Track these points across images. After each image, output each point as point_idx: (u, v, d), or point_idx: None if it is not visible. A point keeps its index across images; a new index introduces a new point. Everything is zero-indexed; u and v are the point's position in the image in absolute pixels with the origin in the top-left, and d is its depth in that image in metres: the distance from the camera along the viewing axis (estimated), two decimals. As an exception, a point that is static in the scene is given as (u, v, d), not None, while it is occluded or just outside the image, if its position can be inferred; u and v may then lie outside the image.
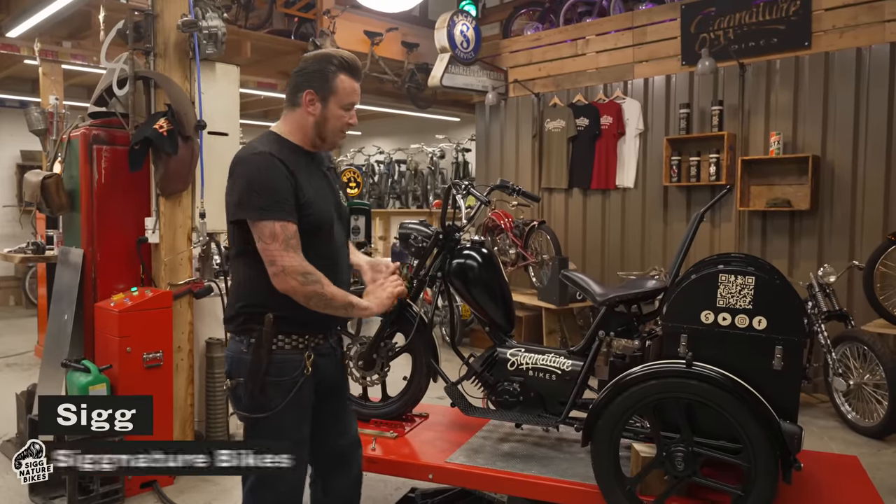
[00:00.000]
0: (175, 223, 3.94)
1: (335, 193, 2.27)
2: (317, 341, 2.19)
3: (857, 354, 4.69)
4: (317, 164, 2.23)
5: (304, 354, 2.14)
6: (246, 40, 6.48)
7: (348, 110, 2.15)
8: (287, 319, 2.10)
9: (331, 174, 2.30)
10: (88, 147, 3.85)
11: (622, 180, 6.67)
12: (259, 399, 2.10)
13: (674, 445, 2.47)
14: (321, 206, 2.13)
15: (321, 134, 2.15)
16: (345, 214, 2.30)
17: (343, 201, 2.31)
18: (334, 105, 2.12)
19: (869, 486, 2.71)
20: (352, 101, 2.15)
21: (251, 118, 12.33)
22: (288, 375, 2.11)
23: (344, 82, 2.12)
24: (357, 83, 2.16)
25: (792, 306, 2.47)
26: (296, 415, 2.15)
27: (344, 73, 2.12)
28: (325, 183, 2.23)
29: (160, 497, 3.62)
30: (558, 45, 7.22)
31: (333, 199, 2.23)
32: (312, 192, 2.11)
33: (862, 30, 5.28)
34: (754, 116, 5.85)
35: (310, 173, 2.15)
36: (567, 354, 3.03)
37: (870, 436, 4.53)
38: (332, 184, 2.27)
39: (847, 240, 5.38)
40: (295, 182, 2.05)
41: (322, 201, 2.15)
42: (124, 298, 3.70)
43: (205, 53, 3.94)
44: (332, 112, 2.13)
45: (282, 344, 2.11)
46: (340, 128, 2.16)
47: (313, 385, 2.20)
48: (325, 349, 2.23)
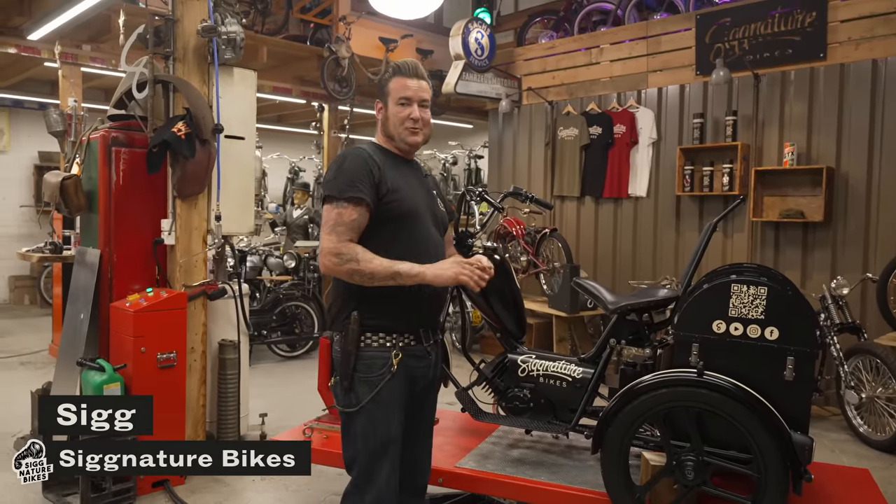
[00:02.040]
0: (191, 225, 3.99)
1: (431, 196, 2.36)
2: (406, 341, 2.22)
3: (870, 367, 4.66)
4: (413, 169, 2.36)
5: (391, 353, 2.18)
6: (262, 45, 6.55)
7: (404, 105, 2.24)
8: (372, 317, 2.18)
9: (430, 181, 2.42)
10: (107, 149, 3.90)
11: (635, 189, 6.67)
12: (349, 395, 2.20)
13: (684, 454, 2.48)
14: (410, 197, 2.22)
15: (389, 133, 2.28)
16: (441, 219, 2.37)
17: (441, 207, 2.39)
18: (392, 104, 2.26)
19: (880, 499, 2.70)
20: (404, 95, 2.24)
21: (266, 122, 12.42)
22: (374, 373, 2.17)
23: (396, 82, 2.26)
24: (410, 79, 2.25)
25: (804, 317, 2.47)
26: (384, 413, 2.18)
27: (396, 76, 2.26)
28: (421, 184, 2.34)
29: (171, 496, 3.65)
30: (572, 54, 7.24)
31: (426, 199, 2.32)
32: (403, 184, 2.22)
33: (878, 42, 5.27)
34: (768, 127, 5.84)
35: (402, 172, 2.27)
36: (578, 362, 3.04)
37: (882, 450, 4.49)
38: (430, 188, 2.39)
39: (861, 252, 5.36)
40: (380, 172, 2.17)
41: (412, 195, 2.24)
42: (139, 299, 3.74)
43: (223, 58, 3.99)
44: (391, 111, 2.26)
45: (369, 342, 2.19)
46: (401, 122, 2.24)
47: (405, 385, 2.23)
48: (417, 351, 2.26)
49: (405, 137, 2.26)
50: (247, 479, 3.93)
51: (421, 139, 2.28)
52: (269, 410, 4.73)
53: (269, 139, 12.92)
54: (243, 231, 4.33)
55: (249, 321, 4.53)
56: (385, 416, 2.19)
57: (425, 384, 2.33)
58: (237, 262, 5.40)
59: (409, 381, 2.24)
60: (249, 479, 3.92)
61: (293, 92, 8.20)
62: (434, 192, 2.39)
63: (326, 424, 3.44)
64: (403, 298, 2.17)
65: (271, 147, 12.56)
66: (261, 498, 3.69)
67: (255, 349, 6.91)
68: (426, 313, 2.28)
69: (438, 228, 2.34)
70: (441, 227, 2.36)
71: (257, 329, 6.63)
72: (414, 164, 2.39)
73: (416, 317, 2.24)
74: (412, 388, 2.26)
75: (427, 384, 2.34)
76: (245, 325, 4.38)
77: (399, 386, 2.21)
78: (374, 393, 2.16)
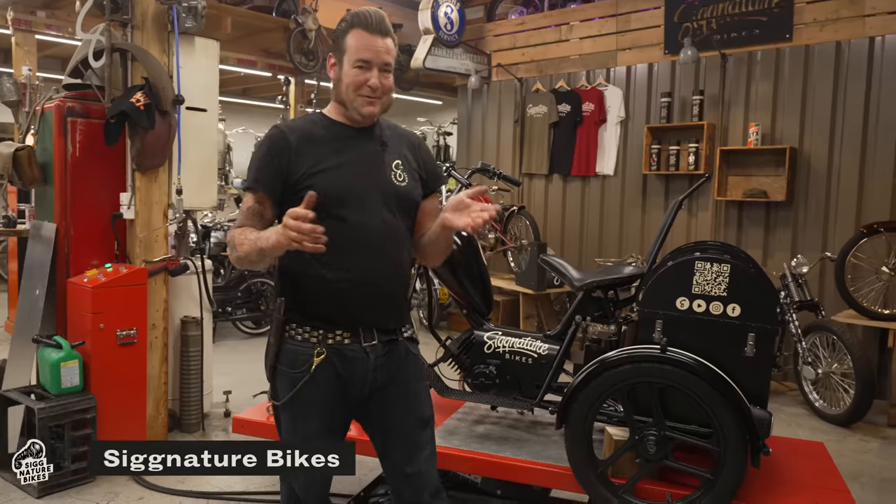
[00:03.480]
0: (151, 199, 3.89)
1: (384, 171, 1.97)
2: (336, 338, 1.93)
3: (827, 344, 4.78)
4: (366, 140, 1.99)
5: (313, 350, 1.92)
6: (226, 15, 6.38)
7: (362, 69, 1.90)
8: (296, 307, 1.95)
9: (391, 150, 2.01)
10: (63, 119, 3.78)
11: (602, 167, 6.69)
12: (273, 387, 2.03)
13: (646, 429, 2.51)
14: (340, 178, 1.90)
15: (341, 97, 1.95)
16: (403, 196, 1.99)
17: (403, 181, 1.99)
18: (347, 64, 1.91)
19: (834, 471, 2.78)
20: (362, 57, 1.89)
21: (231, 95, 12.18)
22: (296, 369, 1.94)
23: (355, 37, 1.91)
24: (373, 37, 1.90)
25: (766, 295, 2.51)
26: (304, 413, 1.96)
27: (356, 28, 1.92)
28: (373, 158, 1.97)
29: (132, 475, 3.60)
30: (542, 31, 7.19)
31: (376, 176, 1.95)
32: (336, 162, 1.92)
33: (842, 24, 5.33)
34: (734, 107, 5.90)
35: (345, 146, 1.95)
36: (544, 338, 3.05)
37: (836, 423, 4.63)
38: (388, 161, 1.99)
39: (820, 231, 5.47)
40: (292, 154, 1.89)
41: (346, 174, 1.91)
42: (98, 274, 3.65)
43: (184, 27, 3.87)
44: (345, 72, 1.92)
45: (293, 333, 1.95)
46: (356, 88, 1.90)
47: (332, 389, 1.94)
48: (350, 351, 1.93)
49: (359, 107, 1.92)
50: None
51: (378, 110, 1.95)
52: (233, 388, 4.68)
53: (235, 113, 12.68)
54: (205, 205, 4.24)
55: (213, 297, 4.46)
56: (305, 416, 1.96)
57: (367, 390, 1.97)
58: (200, 238, 5.31)
59: (339, 384, 1.94)
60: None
61: (258, 64, 8.02)
62: (397, 164, 2.00)
63: (291, 401, 3.40)
64: (331, 287, 1.90)
65: (236, 121, 12.32)
66: (224, 476, 3.65)
67: (219, 326, 6.82)
68: (363, 307, 1.93)
69: (395, 209, 1.96)
70: (401, 206, 1.99)
71: (222, 306, 6.54)
72: (370, 132, 2.00)
73: (348, 310, 1.92)
74: (346, 393, 1.96)
75: (372, 390, 1.98)
76: (209, 301, 4.31)
77: (323, 389, 1.93)
78: (294, 391, 1.93)
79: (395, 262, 1.98)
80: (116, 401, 3.64)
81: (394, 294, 1.99)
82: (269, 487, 3.52)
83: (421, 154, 2.09)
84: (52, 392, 3.45)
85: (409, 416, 2.04)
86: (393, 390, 2.01)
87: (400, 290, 2.02)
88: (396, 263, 1.98)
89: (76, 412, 3.44)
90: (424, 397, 2.10)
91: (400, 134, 2.09)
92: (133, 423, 3.73)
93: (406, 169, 2.02)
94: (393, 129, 2.08)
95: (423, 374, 2.16)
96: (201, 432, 4.19)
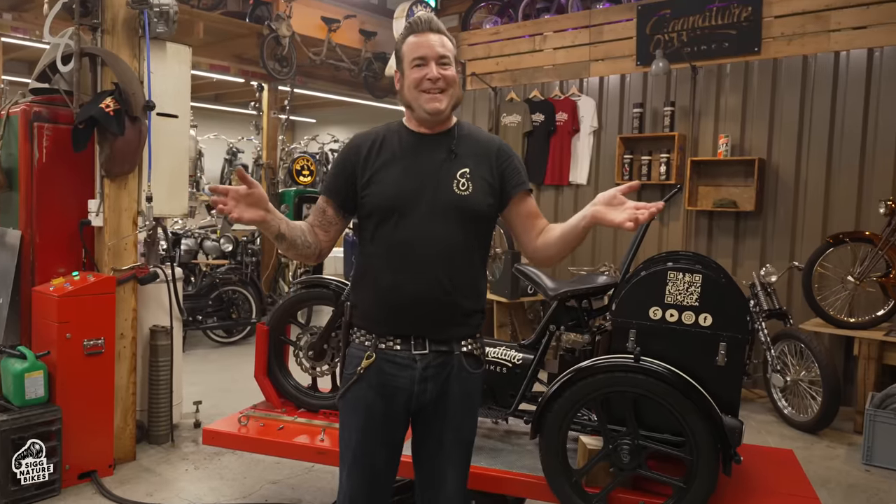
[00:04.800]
0: (120, 206, 3.82)
1: (443, 181, 1.93)
2: (386, 343, 1.94)
3: (795, 352, 4.86)
4: (435, 146, 1.96)
5: (364, 353, 1.96)
6: (199, 20, 6.32)
7: (420, 66, 1.91)
8: (356, 312, 2.02)
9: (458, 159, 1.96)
10: (29, 124, 3.70)
11: (575, 177, 6.75)
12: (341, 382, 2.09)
13: (620, 438, 2.52)
14: (394, 188, 1.92)
15: (407, 102, 1.97)
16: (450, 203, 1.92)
17: (458, 189, 1.93)
18: (406, 68, 1.94)
19: (803, 478, 2.82)
20: (418, 54, 1.91)
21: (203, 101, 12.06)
22: (349, 370, 2.01)
23: (409, 43, 1.94)
24: (424, 34, 1.92)
25: (736, 305, 2.54)
26: (349, 417, 2.00)
27: (408, 36, 1.96)
28: (436, 168, 1.94)
29: (99, 488, 3.51)
30: (516, 41, 7.25)
31: (431, 187, 1.92)
32: (396, 171, 1.93)
33: (808, 38, 5.45)
34: (704, 118, 5.99)
35: (403, 155, 1.95)
36: (518, 348, 3.05)
37: (804, 430, 4.70)
38: (452, 170, 1.94)
39: (788, 241, 5.57)
40: (358, 160, 1.96)
41: (401, 184, 1.91)
42: (64, 283, 3.57)
43: (155, 32, 3.82)
44: (406, 76, 1.95)
45: (353, 337, 2.03)
46: (416, 84, 1.91)
47: (376, 394, 1.95)
48: (399, 358, 1.93)
49: (423, 104, 1.90)
50: (179, 468, 3.82)
51: (444, 105, 1.91)
52: (203, 398, 4.61)
53: (207, 119, 12.55)
54: (176, 213, 4.18)
55: (183, 306, 4.39)
56: (348, 420, 2.00)
57: (413, 402, 1.96)
58: (170, 245, 5.23)
59: (384, 390, 1.94)
60: (182, 468, 3.82)
61: (231, 70, 7.96)
62: (462, 172, 1.94)
63: (263, 412, 3.36)
64: (383, 294, 1.93)
65: (208, 127, 12.20)
66: (194, 488, 3.59)
67: (190, 335, 6.72)
68: (412, 316, 1.93)
69: (455, 218, 1.92)
70: (463, 216, 1.93)
71: (192, 314, 6.45)
72: (442, 139, 1.97)
73: (397, 318, 1.94)
74: (390, 401, 1.95)
75: (421, 403, 1.96)
76: (178, 310, 4.24)
77: (367, 393, 1.95)
78: (344, 390, 2.00)
79: (450, 272, 1.92)
80: (83, 412, 3.56)
81: (449, 304, 1.94)
82: (239, 500, 3.46)
83: (498, 160, 2.02)
84: (16, 404, 3.36)
85: (443, 435, 2.01)
86: (435, 407, 1.99)
87: (458, 301, 1.95)
88: (452, 274, 1.93)
89: (40, 424, 3.36)
90: (464, 418, 2.03)
91: (477, 140, 2.03)
92: (100, 436, 3.65)
93: (473, 177, 1.95)
94: (470, 136, 2.03)
95: (473, 392, 2.05)
96: (170, 444, 4.12)
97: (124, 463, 3.83)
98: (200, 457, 3.98)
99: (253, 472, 3.81)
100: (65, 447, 3.43)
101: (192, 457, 3.98)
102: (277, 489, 3.59)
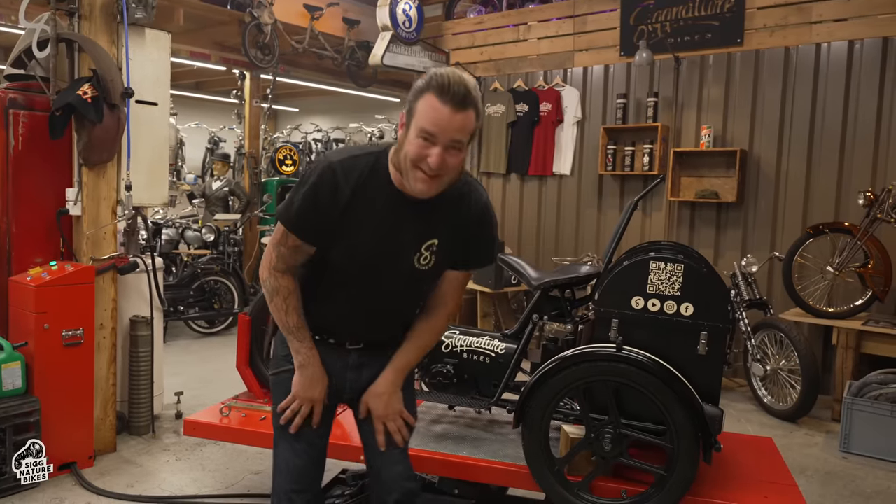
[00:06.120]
0: (99, 195, 3.77)
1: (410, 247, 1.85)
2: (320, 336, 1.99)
3: (775, 341, 4.91)
4: (409, 211, 1.81)
5: None
6: (179, 7, 6.22)
7: (426, 140, 1.66)
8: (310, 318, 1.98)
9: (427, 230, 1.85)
10: (5, 111, 3.63)
11: (559, 167, 6.75)
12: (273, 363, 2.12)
13: (602, 427, 2.53)
14: (356, 255, 1.83)
15: (397, 161, 1.76)
16: (407, 275, 1.88)
17: (418, 264, 1.87)
18: (412, 130, 1.69)
19: (782, 466, 2.85)
20: (427, 127, 1.65)
21: (183, 89, 11.91)
22: (282, 350, 2.05)
23: (426, 102, 1.66)
24: (445, 107, 1.64)
25: (718, 294, 2.55)
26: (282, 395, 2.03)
27: (429, 93, 1.66)
28: (413, 234, 1.84)
29: (79, 479, 3.48)
30: (500, 30, 7.22)
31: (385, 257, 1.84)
32: (371, 232, 1.81)
33: (791, 30, 5.48)
34: (687, 109, 6.02)
35: (378, 218, 1.81)
36: (501, 337, 3.05)
37: (783, 418, 4.76)
38: (411, 242, 1.85)
39: (769, 232, 5.62)
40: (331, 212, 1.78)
41: (364, 251, 1.83)
42: (42, 273, 3.51)
43: (134, 18, 3.76)
44: (409, 137, 1.70)
45: None
46: (413, 161, 1.69)
47: None
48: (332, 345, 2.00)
49: (412, 183, 1.72)
50: (161, 459, 3.79)
51: (434, 191, 1.74)
52: (185, 389, 4.58)
53: (188, 107, 12.41)
54: (156, 202, 4.13)
55: (164, 296, 4.34)
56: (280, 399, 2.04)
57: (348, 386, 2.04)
58: (150, 235, 5.17)
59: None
60: (163, 459, 3.79)
61: (212, 58, 7.85)
62: (430, 244, 1.86)
63: (245, 403, 3.35)
64: (320, 317, 1.97)
65: (189, 115, 12.06)
66: (175, 479, 3.57)
67: (171, 326, 6.67)
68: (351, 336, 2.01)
69: (408, 284, 1.92)
70: (418, 282, 1.93)
71: (174, 304, 6.40)
72: (423, 204, 1.79)
73: (334, 335, 2.00)
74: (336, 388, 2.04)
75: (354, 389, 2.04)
76: (159, 300, 4.20)
77: None
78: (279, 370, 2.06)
79: (397, 318, 2.02)
80: (62, 403, 3.52)
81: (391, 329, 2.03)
82: (221, 490, 3.45)
83: (472, 232, 1.91)
84: (-7, 395, 3.31)
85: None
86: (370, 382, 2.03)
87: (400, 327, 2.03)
88: (398, 318, 2.02)
89: (18, 416, 3.31)
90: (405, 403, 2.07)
91: (460, 206, 1.88)
92: (80, 427, 3.61)
93: (439, 251, 1.88)
94: (456, 199, 1.86)
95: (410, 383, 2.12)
96: (151, 435, 4.09)
97: (105, 454, 3.80)
98: (182, 448, 3.95)
99: (235, 462, 3.79)
100: (44, 438, 3.39)
101: (173, 448, 3.95)
102: (259, 479, 3.58)
